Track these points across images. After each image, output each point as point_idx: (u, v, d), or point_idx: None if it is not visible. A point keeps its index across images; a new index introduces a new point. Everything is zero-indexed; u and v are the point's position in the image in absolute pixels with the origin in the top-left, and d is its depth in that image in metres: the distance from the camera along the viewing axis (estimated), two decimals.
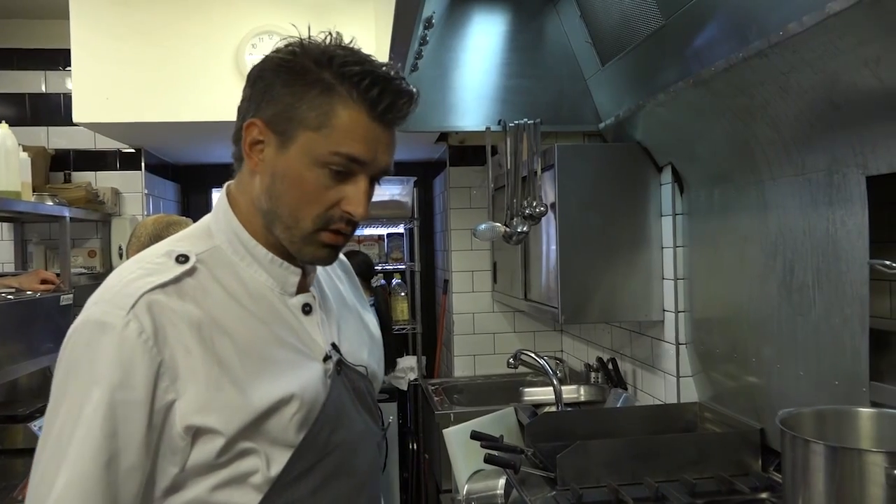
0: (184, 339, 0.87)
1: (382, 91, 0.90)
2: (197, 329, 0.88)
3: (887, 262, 1.26)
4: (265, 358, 0.92)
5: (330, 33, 0.95)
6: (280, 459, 0.92)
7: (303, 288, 1.00)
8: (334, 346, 1.01)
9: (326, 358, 0.98)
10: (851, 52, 1.23)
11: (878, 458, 1.05)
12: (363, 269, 3.34)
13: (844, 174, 1.41)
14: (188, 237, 0.98)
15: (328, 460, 0.96)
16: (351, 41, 0.96)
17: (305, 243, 0.95)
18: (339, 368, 1.00)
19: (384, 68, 0.93)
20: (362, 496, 1.01)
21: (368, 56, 0.94)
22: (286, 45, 0.95)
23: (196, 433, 0.86)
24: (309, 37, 0.96)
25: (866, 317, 1.37)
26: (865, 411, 1.26)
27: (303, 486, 0.93)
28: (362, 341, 1.10)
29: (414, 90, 0.95)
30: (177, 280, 0.90)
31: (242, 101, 0.97)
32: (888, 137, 1.28)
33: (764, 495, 1.62)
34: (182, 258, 0.93)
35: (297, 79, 0.91)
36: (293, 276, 0.98)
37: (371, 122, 0.91)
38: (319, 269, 1.06)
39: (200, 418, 0.86)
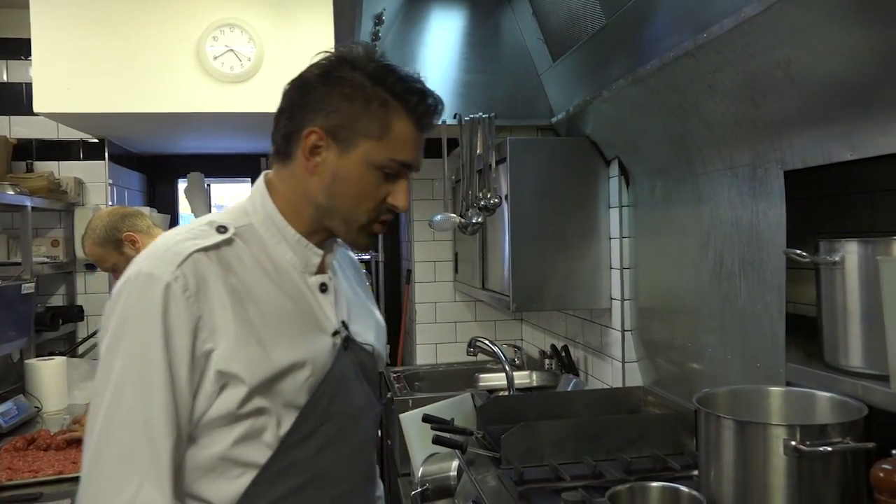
0: (220, 297, 1.01)
1: (425, 105, 1.08)
2: (231, 290, 1.02)
3: (799, 252, 1.35)
4: (285, 325, 1.06)
5: (365, 45, 1.09)
6: (288, 420, 1.05)
7: (321, 270, 1.14)
8: (344, 324, 1.14)
9: (335, 333, 1.12)
10: (766, 54, 1.31)
11: (780, 431, 1.14)
12: None
13: (766, 169, 1.50)
14: (228, 213, 1.13)
15: (328, 426, 1.09)
16: (381, 53, 1.10)
17: (360, 233, 1.12)
18: (347, 344, 1.13)
19: (420, 83, 1.09)
20: (359, 462, 1.15)
21: (406, 70, 1.09)
22: (333, 58, 1.08)
23: (224, 381, 1.00)
24: (346, 48, 1.09)
25: (783, 303, 1.46)
26: (776, 390, 1.35)
27: (306, 447, 1.06)
28: (369, 325, 1.23)
29: (441, 99, 1.12)
30: (217, 246, 1.05)
31: (289, 106, 1.09)
32: (801, 135, 1.37)
33: (695, 472, 1.71)
34: (222, 229, 1.07)
35: (357, 93, 1.05)
36: (315, 256, 1.12)
37: (416, 131, 1.08)
38: (333, 261, 1.19)
39: (229, 366, 0.99)
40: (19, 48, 3.32)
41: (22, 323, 2.71)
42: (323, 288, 1.13)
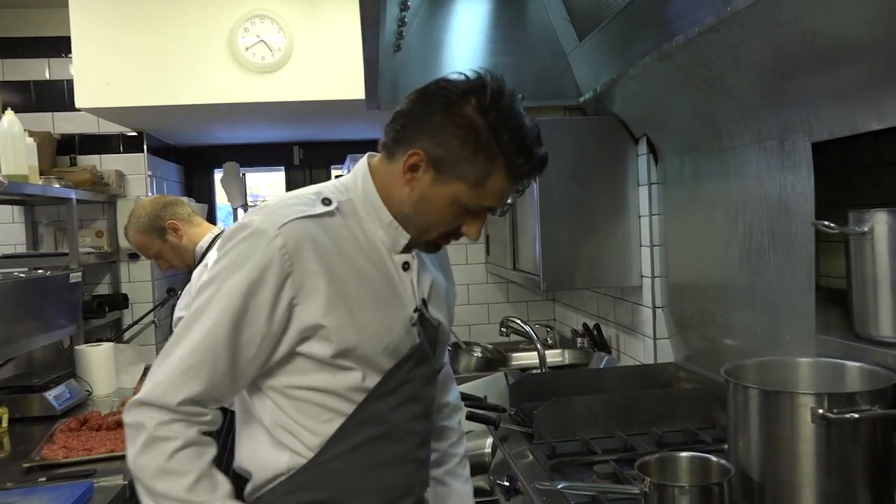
0: (314, 262, 1.11)
1: (530, 166, 1.13)
2: (327, 256, 1.13)
3: (827, 223, 1.35)
4: (374, 292, 1.17)
5: (496, 81, 1.12)
6: (372, 378, 1.18)
7: (406, 249, 1.22)
8: (424, 301, 1.25)
9: (415, 309, 1.22)
10: (791, 26, 1.31)
11: (808, 399, 1.16)
12: None
13: (794, 141, 1.50)
14: (333, 187, 1.22)
15: (408, 387, 1.22)
16: (510, 97, 1.12)
17: (425, 243, 1.21)
18: (421, 319, 1.23)
19: (534, 142, 1.12)
20: (425, 421, 1.29)
21: (526, 122, 1.12)
22: (463, 87, 1.11)
23: (309, 334, 1.12)
24: (480, 78, 1.12)
25: (813, 275, 1.47)
26: (804, 360, 1.36)
27: (386, 402, 1.20)
28: (441, 304, 1.32)
29: (547, 156, 1.16)
30: (320, 216, 1.15)
31: (406, 115, 1.15)
32: (828, 106, 1.37)
33: (726, 445, 1.73)
34: (327, 201, 1.17)
35: (469, 138, 1.09)
36: (403, 238, 1.20)
37: (511, 184, 1.14)
38: None
39: (317, 322, 1.11)
40: (60, 46, 3.43)
41: (71, 311, 2.82)
42: (406, 266, 1.22)
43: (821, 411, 1.13)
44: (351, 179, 1.24)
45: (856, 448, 1.15)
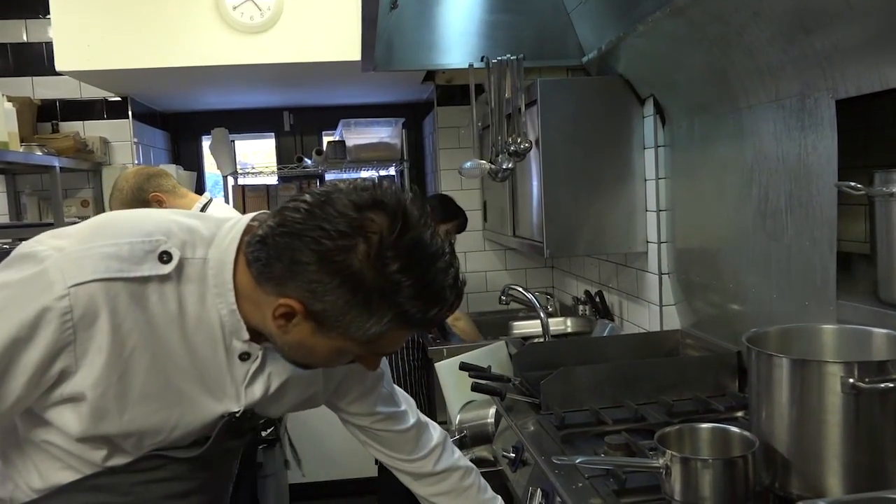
0: (104, 338, 0.88)
1: (441, 315, 0.90)
2: (125, 335, 0.89)
3: (853, 184, 1.29)
4: (169, 385, 0.94)
5: (396, 197, 0.86)
6: (121, 459, 0.98)
7: (256, 339, 0.98)
8: (251, 409, 1.02)
9: (236, 411, 1.00)
10: None
11: (836, 368, 1.11)
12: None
13: (816, 99, 1.43)
14: (193, 231, 0.95)
15: (173, 466, 1.01)
16: (424, 216, 0.88)
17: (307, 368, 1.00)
18: (237, 423, 1.01)
19: (443, 289, 0.88)
20: (198, 495, 1.07)
21: (436, 255, 0.87)
22: (341, 228, 0.83)
23: (69, 402, 0.91)
24: (361, 202, 0.85)
25: (834, 238, 1.41)
26: (827, 328, 1.31)
27: (132, 477, 0.99)
28: (285, 406, 1.09)
29: (462, 291, 0.92)
30: (144, 281, 0.90)
31: (272, 244, 0.87)
32: (856, 60, 1.30)
33: (739, 413, 1.69)
34: (166, 257, 0.91)
35: (359, 297, 0.85)
36: (244, 333, 0.96)
37: (415, 331, 0.95)
38: None
39: (81, 392, 0.90)
40: (37, 6, 3.29)
41: None
42: (244, 356, 0.98)
43: (851, 380, 1.08)
44: (223, 232, 0.95)
45: (885, 418, 1.10)
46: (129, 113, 3.42)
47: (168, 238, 0.92)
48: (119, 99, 3.41)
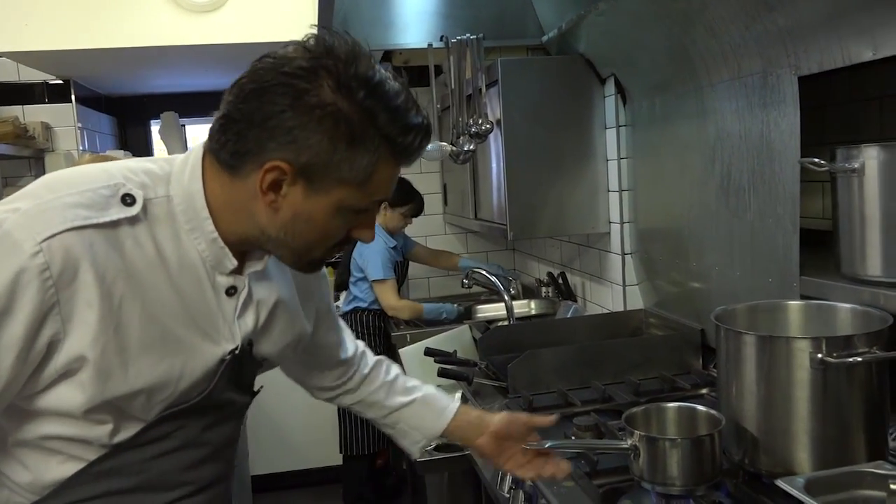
0: (91, 290, 0.83)
1: (418, 140, 0.92)
2: (110, 284, 0.85)
3: (816, 160, 1.30)
4: (165, 332, 0.91)
5: (343, 38, 0.88)
6: (127, 430, 0.92)
7: (238, 270, 0.96)
8: (248, 340, 1.00)
9: (234, 349, 0.97)
10: None
11: (804, 344, 1.11)
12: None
13: (778, 76, 1.43)
14: (149, 173, 0.92)
15: (183, 432, 0.97)
16: (370, 58, 0.89)
17: (308, 264, 0.98)
18: (239, 358, 0.98)
19: (415, 112, 0.91)
20: (208, 467, 1.02)
21: (397, 90, 0.89)
22: (307, 67, 0.85)
23: (69, 372, 0.86)
24: (319, 41, 0.87)
25: (797, 215, 1.42)
26: (794, 304, 1.32)
27: (141, 452, 0.94)
28: (287, 329, 1.08)
29: (428, 119, 0.95)
30: (114, 224, 0.86)
31: (239, 120, 0.87)
32: (818, 37, 1.30)
33: (704, 391, 1.71)
34: (128, 199, 0.87)
35: (342, 133, 0.85)
36: (229, 262, 0.94)
37: (400, 166, 0.94)
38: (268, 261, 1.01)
39: (79, 363, 0.85)
40: None
41: None
42: (231, 291, 0.96)
43: (819, 356, 1.09)
44: (178, 167, 0.93)
45: (852, 392, 1.12)
46: (73, 97, 3.26)
47: (126, 181, 0.89)
48: (61, 82, 3.25)
